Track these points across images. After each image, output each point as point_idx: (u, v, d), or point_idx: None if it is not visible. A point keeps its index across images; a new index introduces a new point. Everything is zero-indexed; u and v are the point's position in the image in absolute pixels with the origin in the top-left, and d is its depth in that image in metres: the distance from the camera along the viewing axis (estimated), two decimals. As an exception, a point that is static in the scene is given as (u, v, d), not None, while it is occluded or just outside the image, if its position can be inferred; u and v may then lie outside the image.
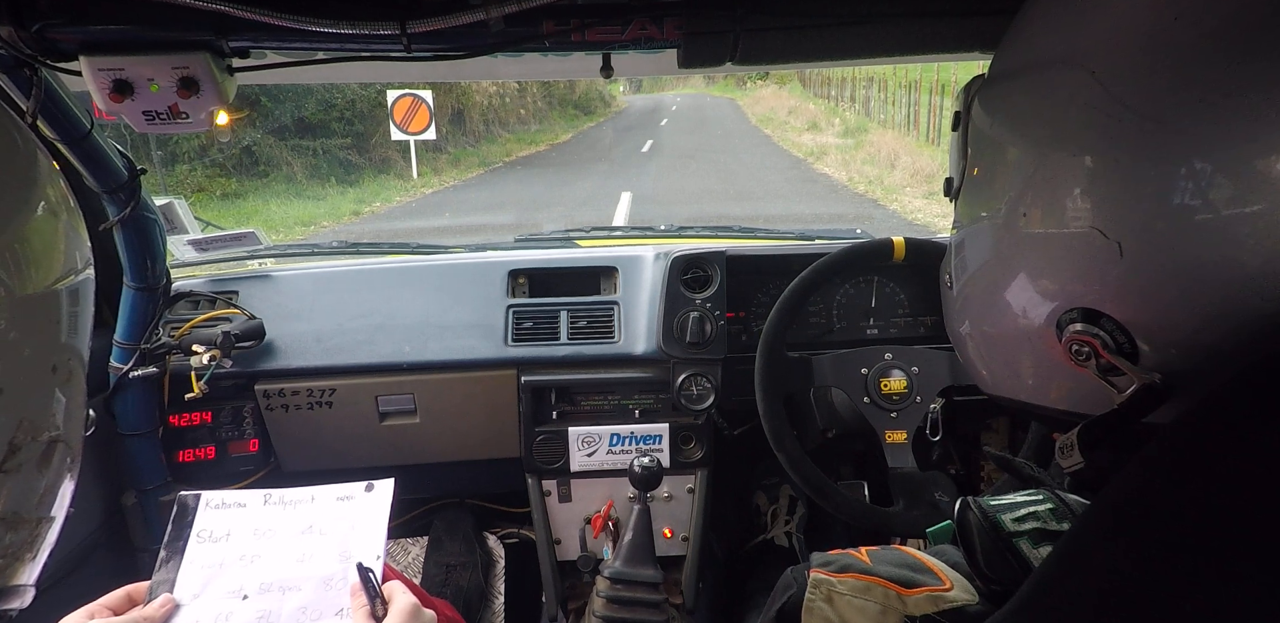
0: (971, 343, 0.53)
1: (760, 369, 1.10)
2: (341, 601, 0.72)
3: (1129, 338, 0.38)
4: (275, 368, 1.30)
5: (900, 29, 0.75)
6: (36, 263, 0.45)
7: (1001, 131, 0.47)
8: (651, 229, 1.76)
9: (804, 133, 15.71)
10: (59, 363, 0.41)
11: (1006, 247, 0.46)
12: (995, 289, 0.47)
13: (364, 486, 0.82)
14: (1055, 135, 0.41)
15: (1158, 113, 0.36)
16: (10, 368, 0.37)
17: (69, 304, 0.44)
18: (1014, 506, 0.53)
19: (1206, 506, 0.29)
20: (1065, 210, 0.40)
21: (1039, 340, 0.43)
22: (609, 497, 1.38)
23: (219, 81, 0.73)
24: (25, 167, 0.46)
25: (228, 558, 0.75)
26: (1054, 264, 0.41)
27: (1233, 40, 0.33)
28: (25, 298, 0.42)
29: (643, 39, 0.73)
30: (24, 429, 0.38)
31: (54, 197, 0.47)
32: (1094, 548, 0.33)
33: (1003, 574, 0.51)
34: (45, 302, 0.44)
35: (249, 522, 0.78)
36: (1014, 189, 0.44)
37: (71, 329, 0.44)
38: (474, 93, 13.22)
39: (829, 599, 0.53)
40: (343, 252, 1.68)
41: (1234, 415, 0.31)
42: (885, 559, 0.56)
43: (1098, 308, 0.39)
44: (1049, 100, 0.42)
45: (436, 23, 0.67)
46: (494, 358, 1.33)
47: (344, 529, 0.78)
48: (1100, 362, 0.38)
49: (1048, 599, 0.35)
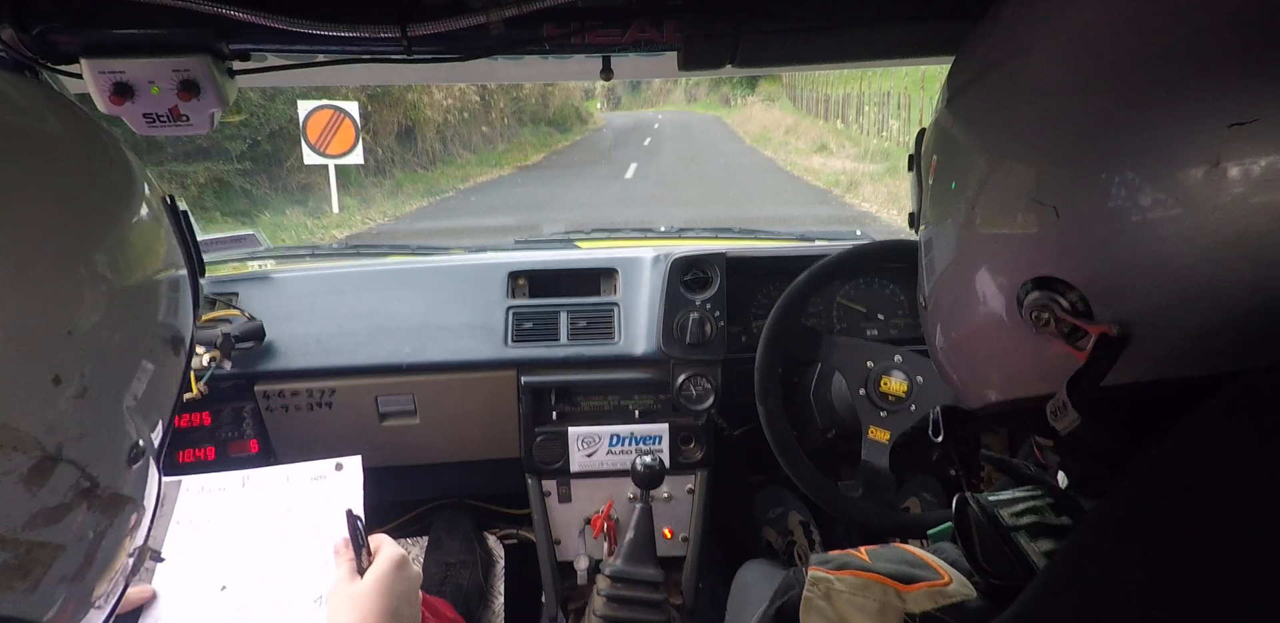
0: (953, 352, 0.54)
1: (769, 328, 1.11)
2: (319, 587, 0.72)
3: (1083, 299, 0.40)
4: (275, 369, 1.30)
5: (902, 32, 0.75)
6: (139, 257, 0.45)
7: (951, 142, 0.50)
8: (652, 230, 1.76)
9: (812, 155, 14.05)
10: (63, 373, 0.38)
11: (962, 246, 0.48)
12: (957, 289, 0.50)
13: (334, 464, 0.82)
14: (1001, 134, 0.44)
15: (1091, 103, 0.39)
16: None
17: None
18: (1013, 501, 0.54)
19: (1215, 510, 0.30)
20: (1008, 197, 0.43)
21: (1007, 324, 0.45)
22: (609, 497, 1.38)
23: (219, 84, 0.73)
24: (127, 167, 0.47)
25: (208, 545, 0.76)
26: (1003, 246, 0.44)
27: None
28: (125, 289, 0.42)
29: (643, 42, 0.74)
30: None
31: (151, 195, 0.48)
32: (1099, 553, 0.34)
33: (1000, 568, 0.51)
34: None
35: (229, 506, 0.79)
36: (965, 194, 0.47)
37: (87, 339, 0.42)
38: (426, 107, 11.33)
39: (827, 596, 0.53)
40: (343, 253, 1.68)
41: (1243, 419, 0.31)
42: (884, 557, 0.56)
43: (1049, 274, 0.41)
44: (995, 103, 0.45)
45: (437, 26, 0.67)
46: (494, 359, 1.34)
47: (321, 509, 0.78)
48: (1060, 325, 0.40)
49: (1051, 604, 0.35)
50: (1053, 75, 0.41)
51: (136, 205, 0.47)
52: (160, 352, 0.47)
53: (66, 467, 0.38)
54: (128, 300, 0.44)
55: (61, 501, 0.39)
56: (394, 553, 0.70)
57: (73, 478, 0.39)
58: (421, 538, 1.65)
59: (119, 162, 0.47)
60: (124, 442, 0.43)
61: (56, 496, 0.38)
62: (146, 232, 0.47)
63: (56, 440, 0.37)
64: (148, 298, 0.47)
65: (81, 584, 0.43)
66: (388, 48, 0.72)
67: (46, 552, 0.38)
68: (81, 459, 0.39)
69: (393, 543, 0.71)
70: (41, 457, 0.37)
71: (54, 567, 0.39)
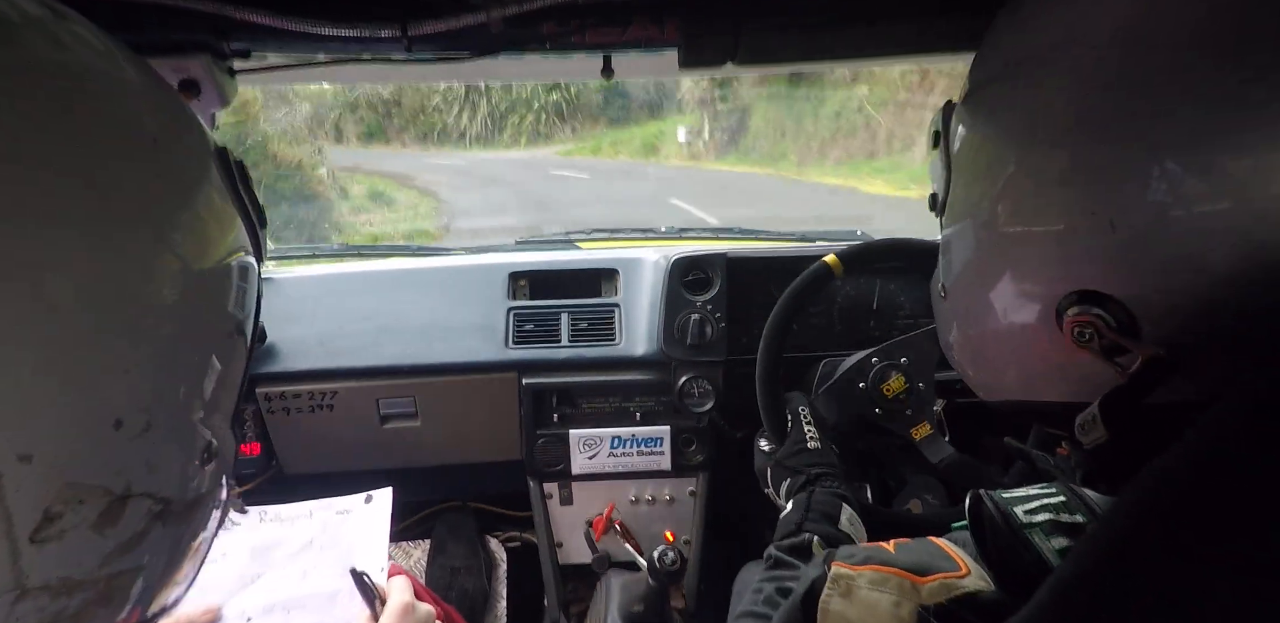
0: (970, 348, 0.54)
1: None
2: (349, 615, 0.71)
3: (1130, 316, 0.38)
4: (276, 371, 1.30)
5: (904, 27, 0.74)
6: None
7: (982, 136, 0.48)
8: (652, 231, 1.75)
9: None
10: (125, 415, 0.35)
11: (995, 245, 0.46)
12: (983, 287, 0.48)
13: (363, 498, 0.81)
14: (1036, 132, 0.42)
15: (1137, 102, 0.36)
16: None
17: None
18: (1027, 498, 0.54)
19: (1231, 510, 0.29)
20: (1054, 200, 0.40)
21: (1037, 331, 0.43)
22: (610, 499, 1.38)
23: (220, 83, 0.73)
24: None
25: (225, 580, 0.74)
26: (1043, 253, 0.42)
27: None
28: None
29: (643, 40, 0.73)
30: (62, 495, 0.32)
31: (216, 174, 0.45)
32: (1114, 552, 0.33)
33: (1014, 566, 0.51)
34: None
35: (246, 540, 0.77)
36: (1000, 190, 0.44)
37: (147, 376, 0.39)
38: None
39: (846, 594, 0.53)
40: (344, 255, 1.68)
41: (1263, 418, 0.31)
42: (909, 549, 0.56)
43: (1096, 288, 0.39)
44: (1028, 99, 0.43)
45: (437, 25, 0.67)
46: (495, 360, 1.33)
47: (346, 543, 0.77)
48: (1104, 341, 0.38)
49: (1067, 603, 0.35)
50: (1106, 71, 0.38)
51: (210, 178, 0.43)
52: (226, 345, 0.44)
53: (138, 501, 0.36)
54: (195, 304, 0.40)
55: (135, 531, 0.37)
56: (399, 601, 0.69)
57: (144, 507, 0.37)
58: (424, 541, 1.65)
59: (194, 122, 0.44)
60: (195, 450, 0.41)
61: (130, 529, 0.37)
62: (218, 208, 0.43)
63: (125, 481, 0.35)
64: (217, 292, 0.43)
65: (168, 579, 0.43)
66: (388, 46, 0.72)
67: (126, 578, 0.37)
68: (153, 489, 0.37)
69: (402, 588, 0.71)
70: (110, 501, 0.35)
71: (137, 584, 0.38)
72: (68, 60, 0.37)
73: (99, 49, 0.40)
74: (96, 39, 0.40)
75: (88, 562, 0.34)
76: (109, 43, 0.41)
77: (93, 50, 0.39)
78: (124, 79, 0.40)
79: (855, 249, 1.06)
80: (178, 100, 0.44)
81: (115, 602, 0.37)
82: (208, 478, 0.43)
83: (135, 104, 0.40)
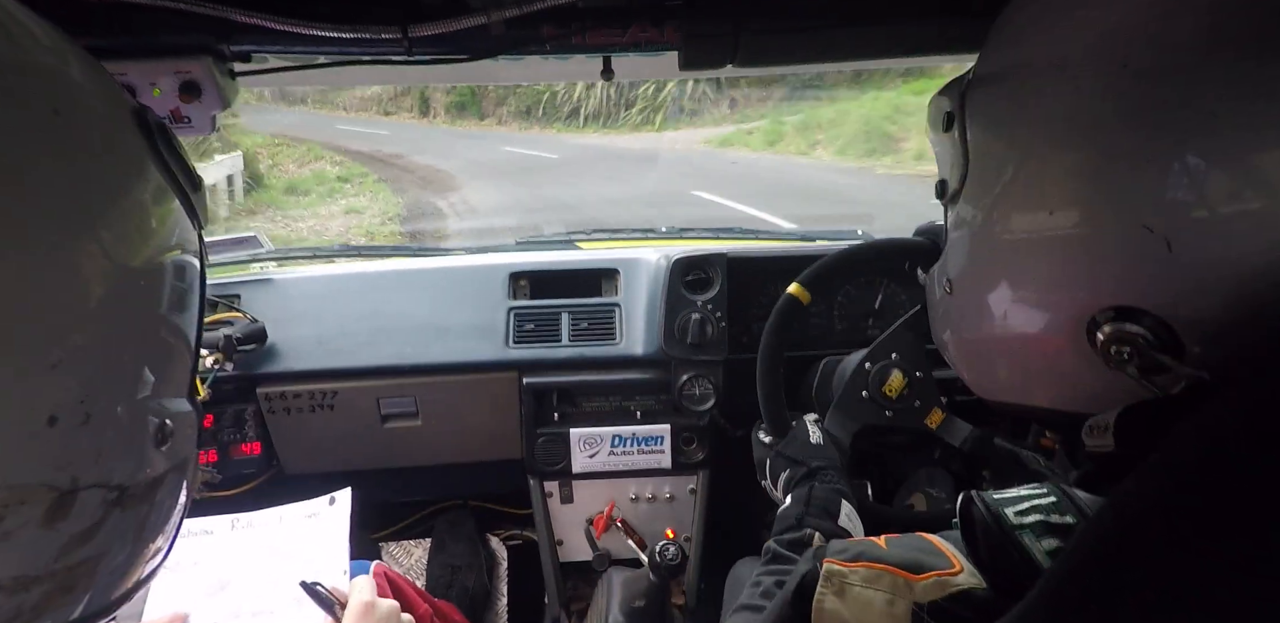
0: (973, 348, 0.52)
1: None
2: (316, 619, 0.72)
3: (1170, 332, 0.36)
4: (277, 371, 1.30)
5: (904, 29, 0.75)
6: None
7: (1011, 129, 0.45)
8: (653, 231, 1.75)
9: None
10: (59, 410, 0.33)
11: (1022, 249, 0.44)
12: (1008, 293, 0.46)
13: (327, 500, 0.82)
14: (1083, 134, 0.39)
15: (1191, 104, 0.34)
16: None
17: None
18: (1017, 499, 0.53)
19: (1231, 509, 0.29)
20: (1094, 208, 0.38)
21: (1059, 344, 0.42)
22: (610, 497, 1.38)
23: (221, 86, 0.73)
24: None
25: (195, 589, 0.75)
26: (1082, 263, 0.39)
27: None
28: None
29: (643, 42, 0.74)
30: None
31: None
32: (1104, 553, 0.33)
33: (1004, 567, 0.51)
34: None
35: (216, 549, 0.78)
36: (1029, 191, 0.42)
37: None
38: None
39: (840, 592, 0.53)
40: (344, 254, 1.68)
41: (1263, 418, 0.31)
42: (901, 545, 0.56)
43: (1139, 306, 0.37)
44: (1068, 96, 0.40)
45: (438, 27, 0.68)
46: (495, 360, 1.34)
47: (310, 547, 0.78)
48: (1143, 360, 0.37)
49: (1057, 604, 0.35)
50: (1142, 69, 0.36)
51: (127, 145, 0.40)
52: (171, 319, 0.42)
53: (89, 493, 0.35)
54: (126, 284, 0.38)
55: (91, 521, 0.36)
56: (359, 601, 0.70)
57: (98, 497, 0.36)
58: (425, 540, 1.65)
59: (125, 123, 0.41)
60: (146, 434, 0.40)
61: (85, 520, 0.35)
62: (142, 179, 0.41)
63: (69, 476, 0.34)
64: (150, 268, 0.40)
65: (137, 558, 0.41)
66: (389, 48, 0.72)
67: (87, 566, 0.36)
68: (103, 478, 0.36)
69: (363, 587, 0.71)
70: (56, 497, 0.33)
71: (99, 569, 0.37)
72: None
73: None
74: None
75: (42, 557, 0.34)
76: (54, 32, 0.38)
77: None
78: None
79: (813, 272, 1.06)
80: (85, 58, 0.40)
81: (78, 589, 0.37)
82: (164, 458, 0.42)
83: (23, 71, 0.35)
